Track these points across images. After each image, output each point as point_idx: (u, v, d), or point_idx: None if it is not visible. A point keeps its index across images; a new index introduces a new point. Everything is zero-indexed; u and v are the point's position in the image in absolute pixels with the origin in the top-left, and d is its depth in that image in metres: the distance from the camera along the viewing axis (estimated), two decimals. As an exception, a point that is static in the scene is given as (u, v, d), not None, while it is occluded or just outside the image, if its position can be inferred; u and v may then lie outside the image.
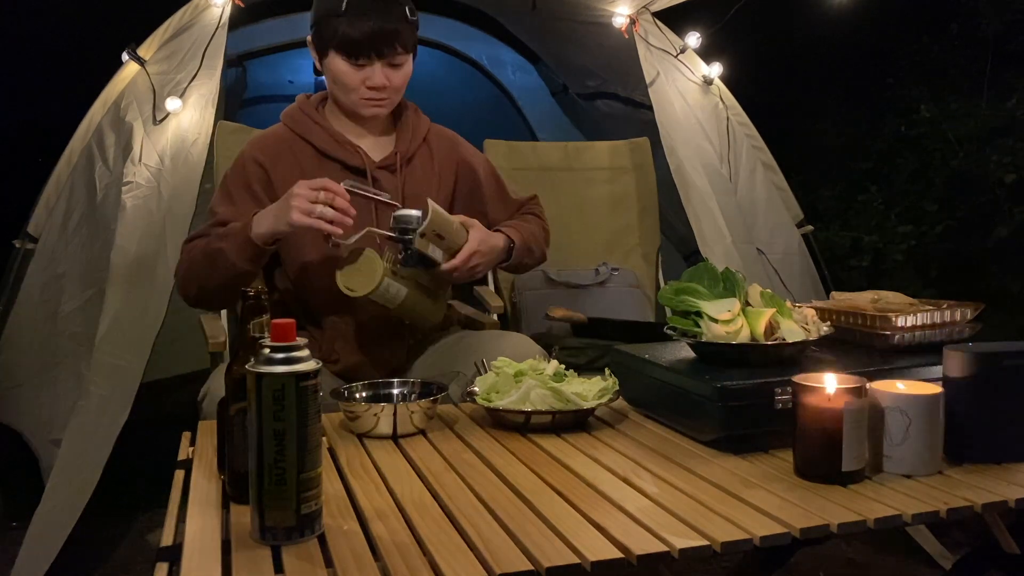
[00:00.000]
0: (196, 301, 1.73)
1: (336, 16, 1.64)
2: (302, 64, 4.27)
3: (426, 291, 1.66)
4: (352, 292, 1.57)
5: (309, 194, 1.50)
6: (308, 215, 1.49)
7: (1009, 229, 3.90)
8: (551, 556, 0.86)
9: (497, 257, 1.75)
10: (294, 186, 1.52)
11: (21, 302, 2.43)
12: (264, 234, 1.56)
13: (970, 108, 4.33)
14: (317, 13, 1.70)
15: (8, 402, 2.40)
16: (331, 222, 1.50)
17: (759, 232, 2.80)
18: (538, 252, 1.88)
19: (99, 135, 2.35)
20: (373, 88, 1.70)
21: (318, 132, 1.76)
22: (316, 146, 1.75)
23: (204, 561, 0.87)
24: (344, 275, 1.60)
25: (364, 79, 1.69)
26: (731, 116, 2.86)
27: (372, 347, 1.75)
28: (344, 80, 1.69)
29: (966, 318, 1.46)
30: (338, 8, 1.64)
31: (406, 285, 1.60)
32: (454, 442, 1.29)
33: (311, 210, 1.49)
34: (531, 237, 1.85)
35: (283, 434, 0.89)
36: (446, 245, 1.62)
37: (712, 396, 1.19)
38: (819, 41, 4.72)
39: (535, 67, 4.03)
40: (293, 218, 1.49)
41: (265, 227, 1.56)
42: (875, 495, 1.03)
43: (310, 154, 1.74)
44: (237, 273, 1.59)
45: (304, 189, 1.51)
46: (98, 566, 2.12)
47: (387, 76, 1.70)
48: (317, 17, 1.70)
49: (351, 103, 1.73)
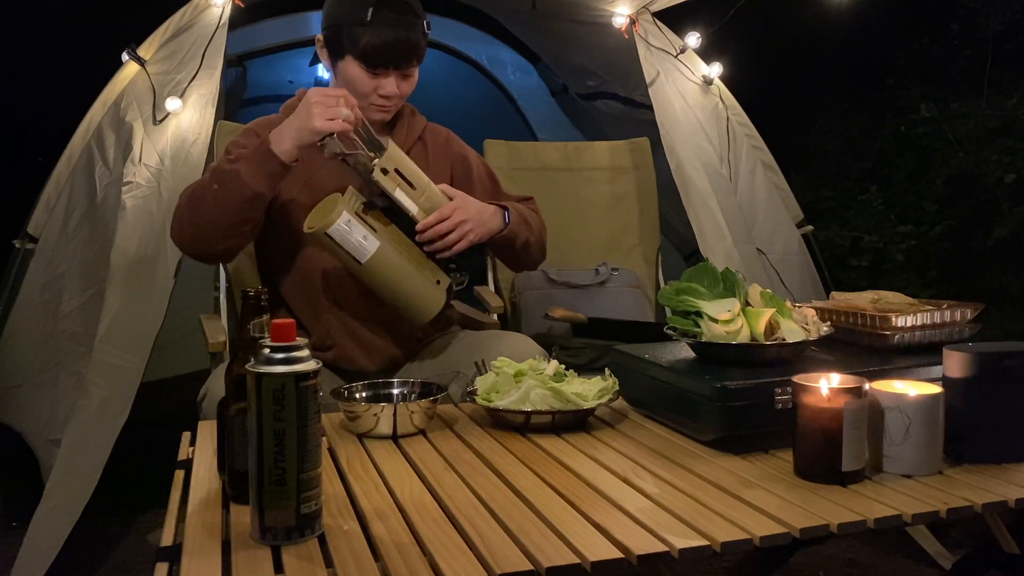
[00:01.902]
0: (191, 242, 1.61)
1: (360, 25, 1.64)
2: (302, 64, 4.27)
3: (408, 257, 1.59)
4: (311, 228, 1.53)
5: (329, 100, 1.49)
6: (334, 120, 1.48)
7: (1009, 229, 3.91)
8: (551, 556, 0.86)
9: (489, 222, 1.68)
10: (308, 94, 1.50)
11: (21, 302, 2.43)
12: (288, 149, 1.51)
13: (970, 108, 4.34)
14: (337, 17, 1.70)
15: (8, 402, 2.40)
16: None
17: (759, 232, 2.80)
18: (536, 231, 1.83)
19: (99, 135, 2.35)
20: (384, 96, 1.72)
21: None
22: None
23: (204, 561, 0.87)
24: (310, 217, 1.57)
25: (377, 87, 1.71)
26: (731, 116, 2.86)
27: (367, 334, 1.74)
28: (358, 86, 1.71)
29: (966, 318, 1.46)
30: (362, 17, 1.64)
31: (378, 237, 1.54)
32: (454, 442, 1.29)
33: (335, 115, 1.48)
34: (528, 215, 1.82)
35: (283, 434, 0.89)
36: (420, 199, 1.56)
37: (712, 396, 1.19)
38: (819, 41, 4.72)
39: (535, 67, 4.03)
40: (318, 125, 1.47)
41: (288, 142, 1.51)
42: (875, 495, 1.03)
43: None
44: (251, 196, 1.52)
45: (322, 96, 1.49)
46: (98, 566, 2.12)
47: (398, 85, 1.72)
48: (336, 21, 1.69)
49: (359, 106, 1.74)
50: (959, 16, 4.64)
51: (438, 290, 1.65)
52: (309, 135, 1.49)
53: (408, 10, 1.69)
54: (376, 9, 1.64)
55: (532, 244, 1.82)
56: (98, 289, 2.21)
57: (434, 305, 1.65)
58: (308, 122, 1.48)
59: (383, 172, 1.53)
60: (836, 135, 5.06)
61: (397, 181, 1.55)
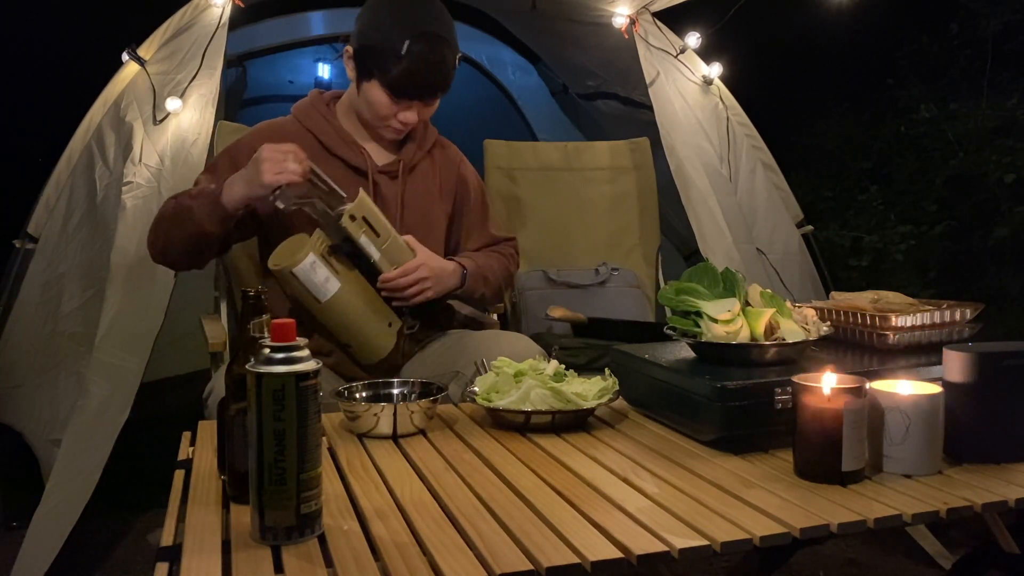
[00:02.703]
0: (160, 255, 1.72)
1: (393, 56, 1.64)
2: (302, 64, 4.28)
3: (366, 300, 1.65)
4: (276, 266, 1.57)
5: (278, 156, 1.54)
6: (281, 174, 1.53)
7: (1009, 229, 3.91)
8: (551, 556, 0.86)
9: (448, 280, 1.75)
10: (260, 150, 1.55)
11: (21, 302, 2.43)
12: (236, 199, 1.58)
13: (970, 108, 4.34)
14: (370, 38, 1.69)
15: (8, 402, 2.40)
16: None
17: (759, 232, 2.80)
18: (495, 285, 1.88)
19: (99, 135, 2.35)
20: (404, 123, 1.74)
21: (325, 128, 1.78)
22: (322, 141, 1.77)
23: (204, 561, 0.87)
24: (275, 254, 1.61)
25: (398, 112, 1.72)
26: (731, 116, 2.86)
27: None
28: (379, 110, 1.72)
29: (966, 318, 1.46)
30: (397, 49, 1.63)
31: (340, 279, 1.59)
32: (454, 442, 1.29)
33: (283, 169, 1.53)
34: (487, 268, 1.86)
35: (283, 434, 0.89)
36: (383, 246, 1.62)
37: (712, 396, 1.19)
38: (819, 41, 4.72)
39: (535, 67, 4.03)
40: (267, 180, 1.52)
41: (238, 192, 1.58)
42: (875, 495, 1.03)
43: (315, 148, 1.76)
44: (201, 232, 1.61)
45: (272, 152, 1.54)
46: (98, 566, 2.12)
47: (420, 113, 1.74)
48: (369, 42, 1.69)
49: (376, 126, 1.76)
50: (959, 16, 4.64)
51: (389, 332, 1.70)
52: (259, 189, 1.55)
53: (443, 45, 1.69)
54: (412, 42, 1.63)
55: (487, 297, 1.88)
56: (98, 289, 2.21)
57: (385, 346, 1.70)
58: (257, 177, 1.54)
59: (351, 219, 1.59)
60: (836, 135, 5.06)
61: (363, 228, 1.61)
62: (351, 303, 1.63)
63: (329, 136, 1.78)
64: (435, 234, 1.86)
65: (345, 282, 1.61)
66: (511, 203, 2.80)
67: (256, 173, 1.54)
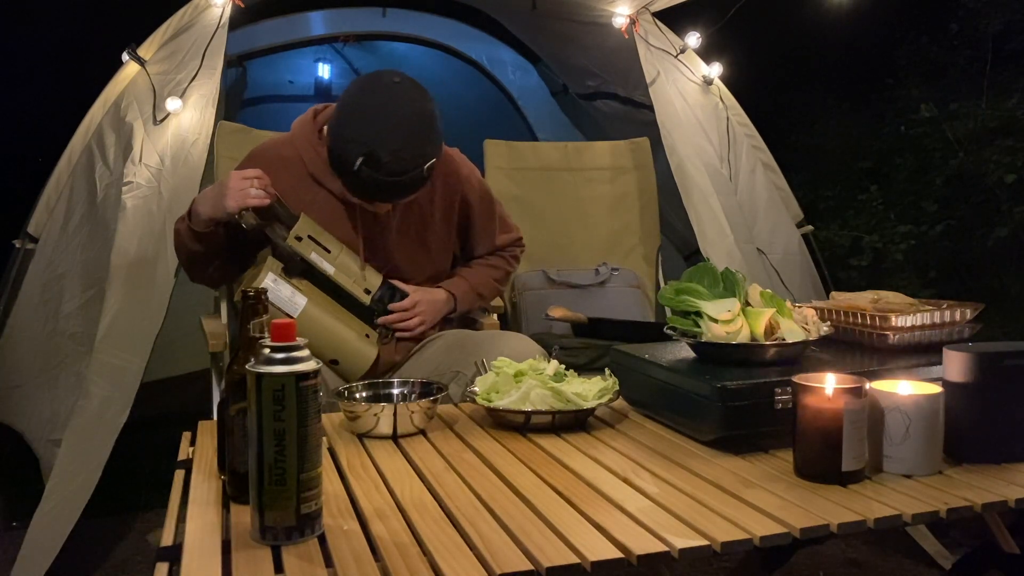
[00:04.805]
0: (190, 277, 1.85)
1: (347, 169, 1.63)
2: (302, 64, 4.27)
3: (335, 313, 1.71)
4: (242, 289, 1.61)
5: (243, 183, 1.62)
6: (242, 201, 1.61)
7: (1009, 229, 3.91)
8: (551, 556, 0.86)
9: (442, 308, 1.85)
10: (228, 175, 1.64)
11: (21, 302, 2.42)
12: (203, 220, 1.67)
13: (970, 108, 4.33)
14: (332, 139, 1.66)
15: (8, 402, 2.40)
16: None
17: (759, 232, 2.80)
18: (489, 296, 1.99)
19: (99, 135, 2.35)
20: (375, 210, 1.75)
21: (312, 157, 1.76)
22: (309, 170, 1.76)
23: (204, 561, 0.87)
24: (242, 280, 1.71)
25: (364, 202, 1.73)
26: (731, 116, 2.86)
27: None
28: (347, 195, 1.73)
29: (966, 318, 1.46)
30: (350, 165, 1.60)
31: (305, 294, 1.67)
32: (454, 442, 1.29)
33: (247, 195, 1.61)
34: (480, 284, 1.93)
35: (283, 434, 0.89)
36: (336, 260, 1.69)
37: (712, 396, 1.19)
38: (819, 41, 4.73)
39: (535, 67, 4.03)
40: (230, 205, 1.61)
41: (204, 213, 1.67)
42: (875, 495, 1.03)
43: (304, 175, 1.76)
44: (190, 252, 1.73)
45: (237, 181, 1.62)
46: (98, 566, 2.12)
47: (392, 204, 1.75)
48: (331, 144, 1.67)
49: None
50: (959, 16, 4.64)
51: (369, 343, 1.74)
52: (223, 212, 1.64)
53: (400, 163, 1.60)
54: (365, 162, 1.59)
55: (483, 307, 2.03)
56: (98, 289, 2.21)
57: (368, 356, 1.74)
58: (221, 201, 1.63)
59: (297, 239, 1.68)
60: (836, 135, 5.06)
61: (312, 246, 1.69)
62: (324, 316, 1.70)
63: (316, 166, 1.75)
64: (434, 257, 1.88)
65: (312, 295, 1.69)
66: (511, 203, 2.79)
67: (220, 197, 1.63)
